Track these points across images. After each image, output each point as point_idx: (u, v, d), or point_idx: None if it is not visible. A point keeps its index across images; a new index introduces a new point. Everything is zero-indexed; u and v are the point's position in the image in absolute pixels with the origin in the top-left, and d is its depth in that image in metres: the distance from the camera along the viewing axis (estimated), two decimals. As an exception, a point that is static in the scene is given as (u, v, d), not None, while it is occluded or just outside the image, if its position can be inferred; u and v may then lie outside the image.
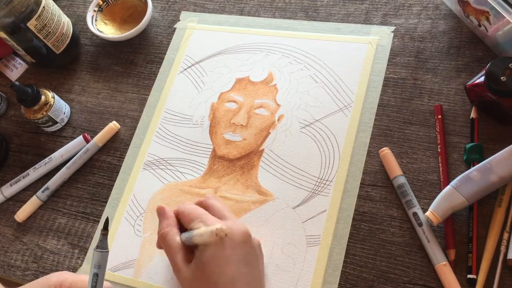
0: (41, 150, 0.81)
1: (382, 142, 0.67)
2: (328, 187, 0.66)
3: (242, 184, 0.69)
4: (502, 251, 0.57)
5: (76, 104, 0.84)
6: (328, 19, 0.78)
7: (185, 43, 0.83)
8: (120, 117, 0.80)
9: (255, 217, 0.67)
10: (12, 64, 0.90)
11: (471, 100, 0.66)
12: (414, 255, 0.60)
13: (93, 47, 0.88)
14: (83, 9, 0.93)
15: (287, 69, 0.75)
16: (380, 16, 0.76)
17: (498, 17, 0.61)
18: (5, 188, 0.78)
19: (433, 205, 0.59)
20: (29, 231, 0.75)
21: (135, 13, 0.87)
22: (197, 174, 0.72)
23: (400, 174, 0.64)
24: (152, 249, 0.68)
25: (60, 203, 0.76)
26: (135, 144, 0.77)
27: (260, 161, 0.70)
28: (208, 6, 0.85)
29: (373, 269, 0.61)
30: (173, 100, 0.78)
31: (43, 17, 0.78)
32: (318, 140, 0.69)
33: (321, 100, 0.72)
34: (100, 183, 0.76)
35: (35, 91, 0.77)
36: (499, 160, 0.58)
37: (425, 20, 0.74)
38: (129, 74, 0.84)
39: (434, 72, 0.70)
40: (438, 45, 0.71)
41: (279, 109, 0.73)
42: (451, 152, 0.64)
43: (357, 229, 0.63)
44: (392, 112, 0.69)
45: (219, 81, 0.77)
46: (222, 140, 0.73)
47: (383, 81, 0.71)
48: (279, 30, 0.79)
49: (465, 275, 0.57)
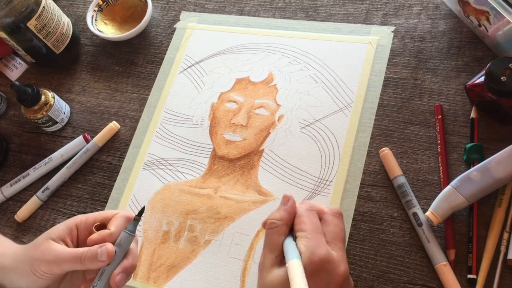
0: (41, 150, 0.81)
1: (382, 142, 0.67)
2: (328, 187, 0.66)
3: (242, 184, 0.69)
4: (502, 251, 0.57)
5: (76, 104, 0.84)
6: (328, 19, 0.78)
7: (185, 43, 0.83)
8: (120, 117, 0.80)
9: (255, 217, 0.67)
10: (12, 64, 0.90)
11: (471, 100, 0.66)
12: (414, 255, 0.60)
13: (93, 47, 0.88)
14: (83, 9, 0.93)
15: (287, 69, 0.75)
16: (380, 16, 0.76)
17: (498, 17, 0.61)
18: (5, 188, 0.78)
19: (433, 205, 0.59)
20: (29, 231, 0.75)
21: (135, 13, 0.87)
22: (197, 174, 0.72)
23: (400, 174, 0.64)
24: (152, 249, 0.68)
25: (60, 203, 0.76)
26: (135, 144, 0.77)
27: (260, 161, 0.70)
28: (208, 6, 0.85)
29: (373, 269, 0.61)
30: (173, 100, 0.78)
31: (43, 17, 0.78)
32: (318, 140, 0.69)
33: (321, 100, 0.72)
34: (100, 183, 0.76)
35: (35, 91, 0.77)
36: (499, 160, 0.58)
37: (425, 20, 0.74)
38: (129, 74, 0.84)
39: (434, 72, 0.70)
40: (438, 45, 0.71)
41: (279, 109, 0.73)
42: (451, 152, 0.64)
43: (357, 229, 0.63)
44: (392, 112, 0.69)
45: (219, 81, 0.77)
46: (222, 140, 0.73)
47: (383, 81, 0.71)
48: (279, 30, 0.79)
49: (465, 275, 0.57)
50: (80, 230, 0.56)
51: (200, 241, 0.67)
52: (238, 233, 0.66)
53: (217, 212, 0.68)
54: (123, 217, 0.56)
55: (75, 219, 0.56)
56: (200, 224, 0.68)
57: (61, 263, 0.53)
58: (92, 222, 0.56)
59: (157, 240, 0.69)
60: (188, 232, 0.68)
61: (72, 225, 0.56)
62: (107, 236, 0.54)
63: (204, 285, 0.64)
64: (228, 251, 0.66)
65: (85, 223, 0.56)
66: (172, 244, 0.68)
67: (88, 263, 0.52)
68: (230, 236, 0.66)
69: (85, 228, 0.56)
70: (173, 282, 0.66)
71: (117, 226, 0.55)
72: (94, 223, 0.56)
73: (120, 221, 0.55)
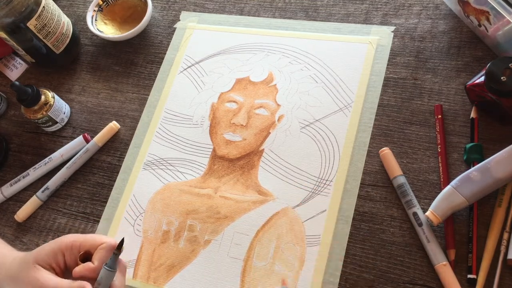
0: (41, 150, 0.81)
1: (382, 142, 0.67)
2: (328, 187, 0.66)
3: (242, 184, 0.69)
4: (502, 251, 0.57)
5: (76, 104, 0.84)
6: (328, 19, 0.78)
7: (185, 43, 0.83)
8: (120, 117, 0.80)
9: (255, 217, 0.67)
10: (12, 64, 0.90)
11: (471, 100, 0.66)
12: (414, 255, 0.60)
13: (93, 47, 0.88)
14: (83, 9, 0.93)
15: (287, 69, 0.75)
16: (380, 16, 0.76)
17: (498, 17, 0.61)
18: (5, 188, 0.78)
19: (433, 205, 0.59)
20: (29, 231, 0.75)
21: (135, 13, 0.87)
22: (197, 174, 0.72)
23: (400, 174, 0.64)
24: (152, 249, 0.68)
25: (60, 203, 0.76)
26: (135, 144, 0.77)
27: (260, 161, 0.70)
28: (208, 6, 0.85)
29: (373, 269, 0.61)
30: (173, 100, 0.78)
31: (43, 17, 0.78)
32: (318, 140, 0.69)
33: (321, 100, 0.72)
34: (100, 183, 0.76)
35: (35, 91, 0.77)
36: (499, 160, 0.58)
37: (425, 20, 0.74)
38: (129, 74, 0.84)
39: (434, 72, 0.70)
40: (438, 45, 0.71)
41: (279, 109, 0.73)
42: (451, 152, 0.64)
43: (357, 229, 0.63)
44: (392, 112, 0.69)
45: (219, 81, 0.77)
46: (222, 140, 0.73)
47: (383, 81, 0.71)
48: (279, 30, 0.79)
49: (465, 275, 0.57)
50: (67, 255, 0.57)
51: (200, 241, 0.67)
52: (238, 233, 0.66)
53: (217, 212, 0.68)
54: (108, 248, 0.56)
55: (61, 244, 0.57)
56: (200, 224, 0.68)
57: None
58: (77, 248, 0.57)
59: (157, 240, 0.69)
60: (188, 232, 0.68)
61: (57, 250, 0.57)
62: (90, 271, 0.55)
63: (204, 285, 0.64)
64: (228, 251, 0.66)
65: (71, 249, 0.57)
66: (172, 244, 0.68)
67: None
68: (230, 236, 0.66)
69: (71, 254, 0.57)
70: (173, 282, 0.66)
71: (101, 259, 0.56)
72: (80, 250, 0.57)
73: (104, 254, 0.56)
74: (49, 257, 0.56)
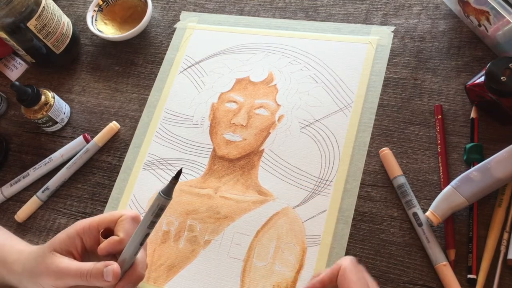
0: (41, 150, 0.81)
1: (382, 142, 0.67)
2: (328, 187, 0.66)
3: (242, 184, 0.69)
4: (502, 251, 0.57)
5: (76, 104, 0.84)
6: (328, 19, 0.78)
7: (185, 43, 0.83)
8: (120, 117, 0.80)
9: (255, 217, 0.67)
10: (12, 64, 0.90)
11: (471, 100, 0.66)
12: (414, 255, 0.60)
13: (93, 47, 0.88)
14: (83, 9, 0.93)
15: (287, 69, 0.75)
16: (380, 16, 0.76)
17: (498, 17, 0.61)
18: (5, 188, 0.78)
19: (433, 205, 0.59)
20: (29, 231, 0.75)
21: (135, 13, 0.87)
22: (197, 174, 0.72)
23: (400, 174, 0.64)
24: (152, 249, 0.68)
25: (60, 203, 0.76)
26: (135, 144, 0.77)
27: (260, 161, 0.70)
28: (208, 6, 0.85)
29: (373, 269, 0.61)
30: (173, 100, 0.78)
31: (43, 17, 0.78)
32: (318, 140, 0.69)
33: (321, 100, 0.72)
34: (100, 183, 0.76)
35: (35, 91, 0.77)
36: (499, 160, 0.58)
37: (425, 20, 0.74)
38: (129, 74, 0.84)
39: (434, 72, 0.70)
40: (438, 45, 0.71)
41: (279, 109, 0.73)
42: (451, 152, 0.64)
43: (357, 229, 0.63)
44: (392, 112, 0.69)
45: (219, 81, 0.77)
46: (222, 140, 0.73)
47: (383, 81, 0.71)
48: (279, 30, 0.79)
49: (465, 275, 0.57)
50: (85, 238, 0.54)
51: (200, 241, 0.67)
52: (238, 233, 0.66)
53: (217, 212, 0.68)
54: (130, 219, 0.54)
55: (76, 227, 0.55)
56: (200, 224, 0.68)
57: (65, 278, 0.52)
58: (95, 228, 0.54)
59: (157, 240, 0.69)
60: (188, 232, 0.68)
61: (73, 234, 0.54)
62: (116, 244, 0.52)
63: (204, 285, 0.64)
64: (228, 251, 0.66)
65: (89, 230, 0.54)
66: (172, 244, 0.68)
67: (93, 281, 0.51)
68: (230, 236, 0.66)
69: (90, 236, 0.54)
70: (173, 282, 0.66)
71: (126, 230, 0.53)
72: (98, 229, 0.54)
73: (127, 225, 0.53)
74: (66, 243, 0.54)
